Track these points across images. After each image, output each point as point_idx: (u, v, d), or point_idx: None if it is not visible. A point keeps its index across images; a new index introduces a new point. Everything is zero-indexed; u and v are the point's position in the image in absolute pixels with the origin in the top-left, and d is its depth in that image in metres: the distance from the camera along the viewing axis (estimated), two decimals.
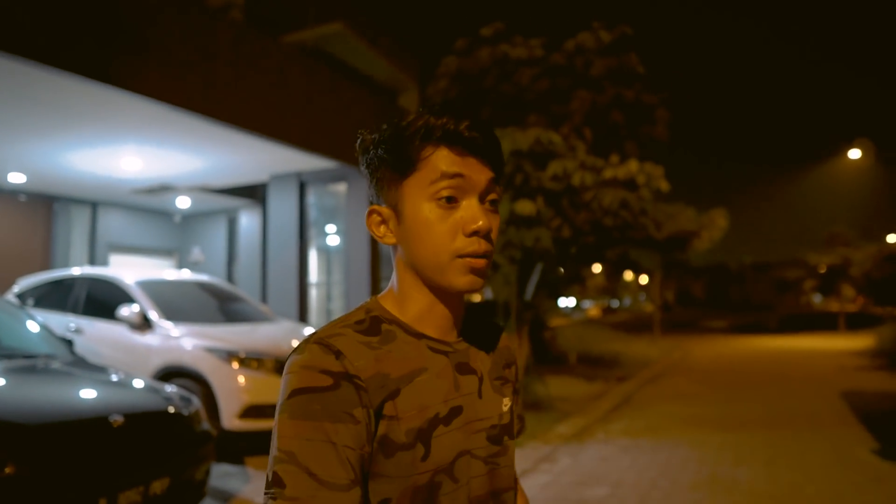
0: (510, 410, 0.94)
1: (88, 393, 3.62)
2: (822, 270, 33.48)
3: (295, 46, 9.42)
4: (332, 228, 10.31)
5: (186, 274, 7.39)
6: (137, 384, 3.90)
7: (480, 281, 0.83)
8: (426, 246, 0.82)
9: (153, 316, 5.69)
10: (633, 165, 8.32)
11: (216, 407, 5.10)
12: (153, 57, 5.86)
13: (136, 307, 5.69)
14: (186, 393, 3.94)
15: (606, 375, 11.77)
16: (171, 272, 8.17)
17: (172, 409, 3.56)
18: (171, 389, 3.91)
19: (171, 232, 12.44)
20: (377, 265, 9.30)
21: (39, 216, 10.37)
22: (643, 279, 38.99)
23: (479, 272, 0.83)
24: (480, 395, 0.89)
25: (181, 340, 5.47)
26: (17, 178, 9.04)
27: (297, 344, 0.84)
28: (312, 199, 9.95)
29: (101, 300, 6.13)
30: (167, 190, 9.85)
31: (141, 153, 7.95)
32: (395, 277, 0.89)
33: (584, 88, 9.60)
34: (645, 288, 46.88)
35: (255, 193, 10.85)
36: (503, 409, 0.92)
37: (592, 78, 9.58)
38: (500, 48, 9.68)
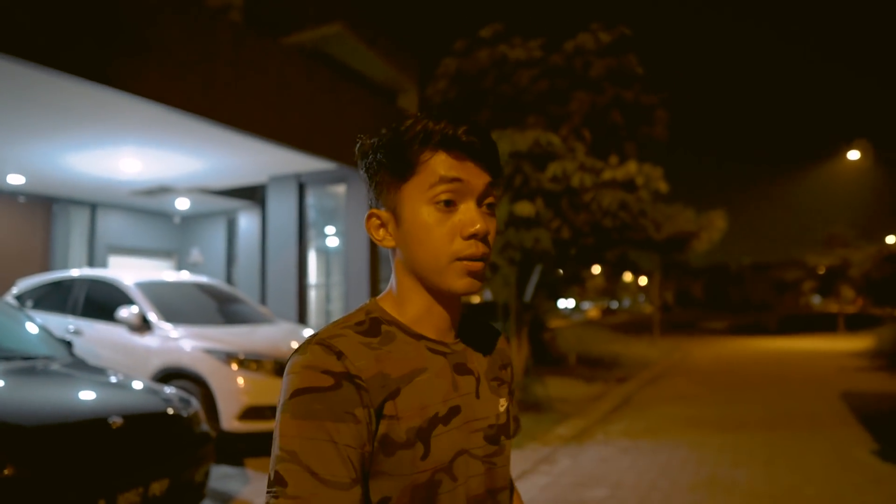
0: (506, 411, 0.95)
1: (87, 394, 3.62)
2: (821, 271, 33.51)
3: (294, 47, 9.42)
4: (331, 230, 10.30)
5: (185, 275, 7.38)
6: (136, 386, 3.90)
7: (478, 283, 0.84)
8: (425, 249, 0.83)
9: (152, 317, 5.68)
10: (632, 166, 8.33)
11: (215, 408, 5.10)
12: (152, 58, 5.86)
13: (135, 309, 5.69)
14: (185, 394, 3.93)
15: (606, 377, 11.77)
16: (170, 273, 8.16)
17: (171, 410, 3.56)
18: (170, 391, 3.91)
19: (170, 233, 12.43)
20: (376, 266, 9.30)
21: (38, 217, 10.36)
22: (642, 280, 39.00)
23: (476, 275, 0.84)
24: (478, 395, 0.90)
25: (180, 342, 5.46)
26: (16, 179, 9.04)
27: (296, 345, 0.85)
28: (311, 200, 9.95)
29: (100, 302, 6.12)
30: (166, 191, 9.85)
31: (140, 154, 7.95)
32: (393, 280, 0.90)
33: (583, 89, 9.60)
34: (644, 289, 46.87)
35: (254, 195, 10.85)
36: (500, 409, 0.93)
37: (591, 79, 9.58)
38: (498, 49, 9.67)
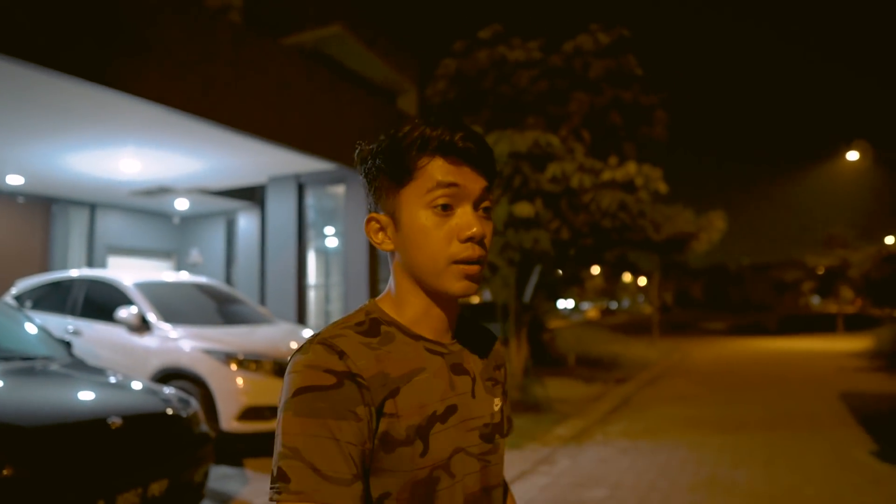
0: (500, 410, 0.98)
1: (87, 395, 3.62)
2: (820, 272, 33.54)
3: (294, 48, 9.41)
4: (330, 230, 10.31)
5: (185, 276, 7.39)
6: (136, 386, 3.90)
7: (475, 286, 0.87)
8: (423, 252, 0.85)
9: (151, 318, 5.68)
10: (631, 167, 8.33)
11: (215, 409, 5.10)
12: (152, 58, 5.87)
13: (134, 309, 5.69)
14: (185, 395, 3.94)
15: (605, 377, 11.78)
16: (169, 274, 8.16)
17: (171, 410, 3.56)
18: (169, 391, 3.91)
19: (169, 234, 12.43)
20: (375, 267, 9.30)
21: (38, 218, 10.36)
22: (642, 281, 39.02)
23: (473, 278, 0.87)
24: (473, 394, 0.92)
25: (179, 342, 5.46)
26: (15, 179, 9.03)
27: (295, 346, 0.86)
28: (311, 200, 9.95)
29: (99, 302, 6.12)
30: (166, 192, 9.85)
31: (139, 155, 7.95)
32: (392, 281, 0.92)
33: (582, 90, 9.60)
34: (644, 289, 46.91)
35: (253, 195, 10.85)
36: (494, 408, 0.96)
37: (590, 80, 9.58)
38: (498, 50, 9.67)
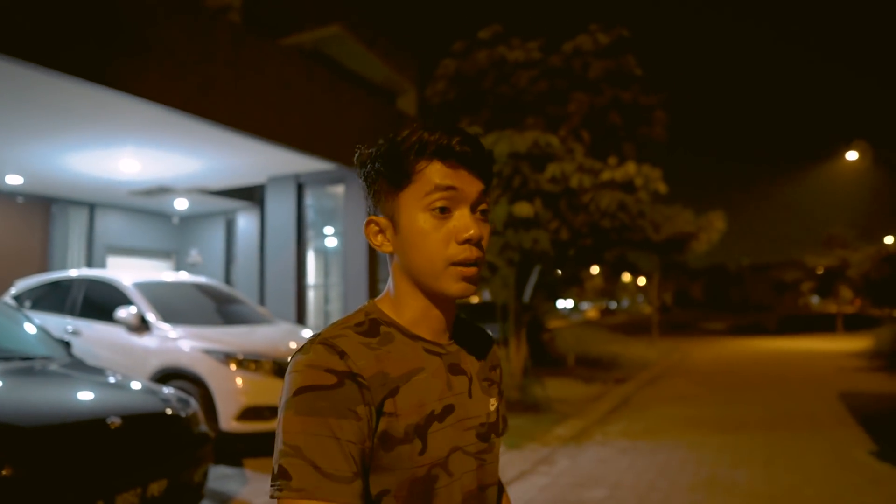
0: (496, 410, 0.99)
1: (86, 395, 3.62)
2: (819, 272, 33.54)
3: (293, 48, 9.42)
4: (329, 230, 10.31)
5: (184, 276, 7.38)
6: (135, 386, 3.90)
7: (472, 287, 0.88)
8: (421, 254, 0.87)
9: (151, 318, 5.68)
10: (630, 167, 8.33)
11: (214, 409, 5.09)
12: (152, 58, 5.87)
13: (133, 309, 5.68)
14: (184, 395, 3.93)
15: (605, 377, 11.78)
16: (168, 274, 8.16)
17: (170, 410, 3.56)
18: (168, 391, 3.91)
19: (168, 234, 12.43)
20: (375, 267, 9.30)
21: (37, 218, 10.36)
22: (641, 281, 39.06)
23: (471, 279, 0.88)
24: (470, 394, 0.94)
25: (179, 342, 5.46)
26: (14, 179, 9.03)
27: (295, 346, 0.87)
28: (310, 200, 9.96)
29: (98, 302, 6.12)
30: (165, 192, 9.85)
31: (139, 155, 7.95)
32: (391, 283, 0.94)
33: (581, 90, 9.60)
34: (643, 289, 46.93)
35: (252, 195, 10.85)
36: (490, 408, 0.97)
37: (590, 80, 9.59)
38: (497, 51, 9.67)
